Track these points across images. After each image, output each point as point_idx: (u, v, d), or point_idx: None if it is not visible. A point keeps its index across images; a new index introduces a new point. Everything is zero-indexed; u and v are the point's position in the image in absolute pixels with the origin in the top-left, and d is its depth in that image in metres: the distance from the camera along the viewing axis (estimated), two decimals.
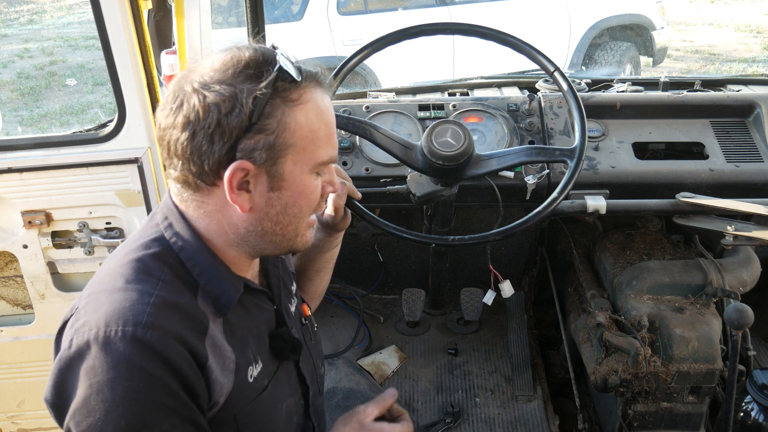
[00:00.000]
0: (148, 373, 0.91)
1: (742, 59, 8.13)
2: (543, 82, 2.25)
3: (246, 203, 0.99)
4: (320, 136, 1.01)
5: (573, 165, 1.47)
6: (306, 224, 1.09)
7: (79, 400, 0.91)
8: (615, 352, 1.76)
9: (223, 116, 0.93)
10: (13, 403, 2.22)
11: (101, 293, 0.97)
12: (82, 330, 0.94)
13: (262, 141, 0.95)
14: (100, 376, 0.90)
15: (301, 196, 1.03)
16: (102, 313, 0.94)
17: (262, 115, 0.94)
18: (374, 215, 1.50)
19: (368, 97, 2.16)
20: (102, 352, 0.91)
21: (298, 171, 1.01)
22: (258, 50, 0.98)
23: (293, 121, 0.97)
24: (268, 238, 1.05)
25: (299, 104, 0.98)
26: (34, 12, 11.75)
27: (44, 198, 1.90)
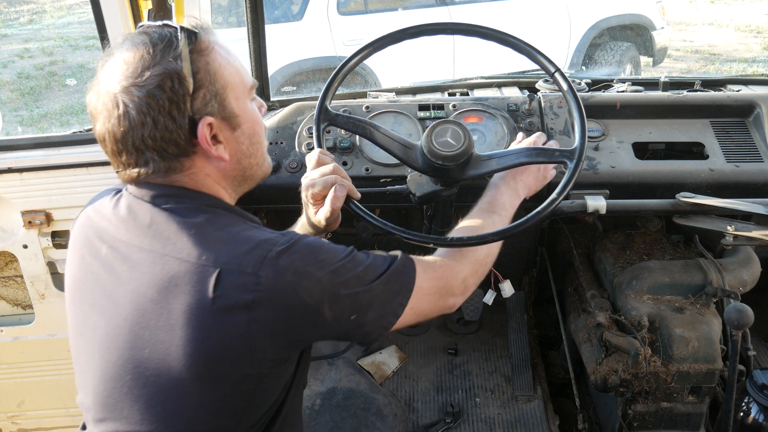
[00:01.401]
0: (323, 240, 1.12)
1: (742, 59, 8.13)
2: (543, 82, 2.25)
3: (224, 153, 1.11)
4: (238, 67, 1.13)
5: (573, 165, 1.46)
6: (265, 148, 1.23)
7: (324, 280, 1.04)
8: (615, 352, 1.76)
9: (170, 92, 1.03)
10: (13, 403, 2.22)
11: (230, 246, 1.03)
12: (258, 264, 1.00)
13: (207, 93, 1.06)
14: (310, 261, 1.04)
15: (254, 123, 1.16)
16: (255, 243, 1.03)
17: (194, 72, 1.05)
18: (374, 215, 1.50)
19: (368, 97, 2.16)
20: (290, 254, 1.03)
21: (241, 103, 1.13)
22: (149, 29, 1.08)
23: (215, 65, 1.08)
24: (248, 173, 1.19)
25: (210, 49, 1.09)
26: (34, 12, 11.75)
27: (44, 198, 1.90)
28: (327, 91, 1.59)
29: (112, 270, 1.10)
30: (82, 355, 1.16)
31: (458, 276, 1.27)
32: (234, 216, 1.13)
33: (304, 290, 1.02)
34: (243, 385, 1.06)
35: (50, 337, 2.10)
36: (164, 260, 1.05)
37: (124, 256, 1.09)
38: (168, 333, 1.03)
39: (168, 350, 1.03)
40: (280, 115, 2.04)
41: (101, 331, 1.11)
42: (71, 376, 2.14)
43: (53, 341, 2.11)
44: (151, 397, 1.06)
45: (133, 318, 1.06)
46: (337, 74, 1.61)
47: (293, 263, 1.03)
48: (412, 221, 2.31)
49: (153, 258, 1.06)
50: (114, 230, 1.12)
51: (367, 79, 5.55)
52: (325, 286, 1.05)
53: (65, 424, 2.26)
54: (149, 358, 1.05)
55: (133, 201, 1.12)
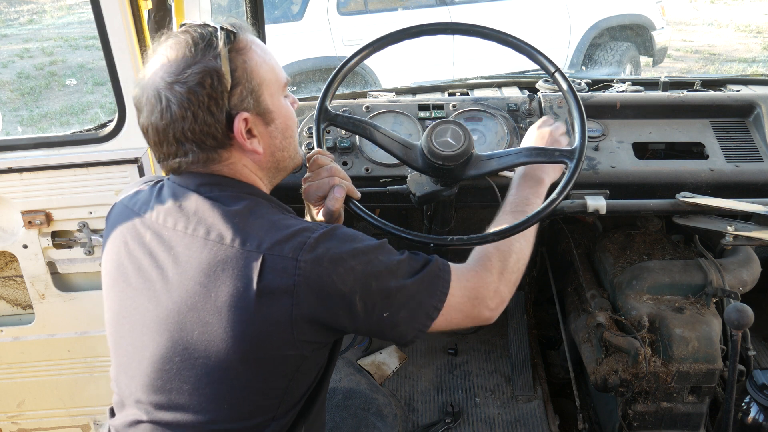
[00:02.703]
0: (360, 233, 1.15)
1: (742, 59, 8.13)
2: (543, 82, 2.25)
3: (259, 146, 1.17)
4: (273, 65, 1.19)
5: (573, 165, 1.47)
6: (297, 141, 1.29)
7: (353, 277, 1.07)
8: (615, 352, 1.76)
9: (210, 89, 1.08)
10: (13, 403, 2.22)
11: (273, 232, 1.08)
12: (297, 248, 1.05)
13: (244, 90, 1.12)
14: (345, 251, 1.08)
15: (287, 118, 1.22)
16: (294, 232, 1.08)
17: (232, 70, 1.10)
18: (374, 215, 1.50)
19: (368, 97, 2.16)
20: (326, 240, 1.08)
21: (276, 99, 1.19)
22: (192, 27, 1.14)
23: (252, 63, 1.14)
24: (281, 165, 1.24)
25: (248, 48, 1.14)
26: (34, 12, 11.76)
27: (44, 198, 1.90)
28: (327, 91, 1.59)
29: (157, 256, 1.15)
30: (126, 338, 1.19)
31: (490, 287, 1.25)
32: (271, 205, 1.18)
33: (339, 277, 1.06)
34: (285, 366, 1.10)
35: (50, 337, 2.10)
36: (210, 245, 1.09)
37: (169, 242, 1.14)
38: (215, 315, 1.07)
39: (216, 332, 1.07)
40: None
41: (151, 314, 1.14)
42: (71, 376, 2.15)
43: (53, 341, 2.11)
44: (199, 378, 1.10)
45: (182, 301, 1.10)
46: (337, 74, 1.61)
47: (330, 250, 1.07)
48: (412, 221, 2.31)
49: (200, 244, 1.10)
50: (157, 217, 1.17)
51: (367, 79, 5.55)
52: (358, 276, 1.08)
53: (65, 424, 2.26)
54: (198, 340, 1.09)
55: (177, 189, 1.17)
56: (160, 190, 1.21)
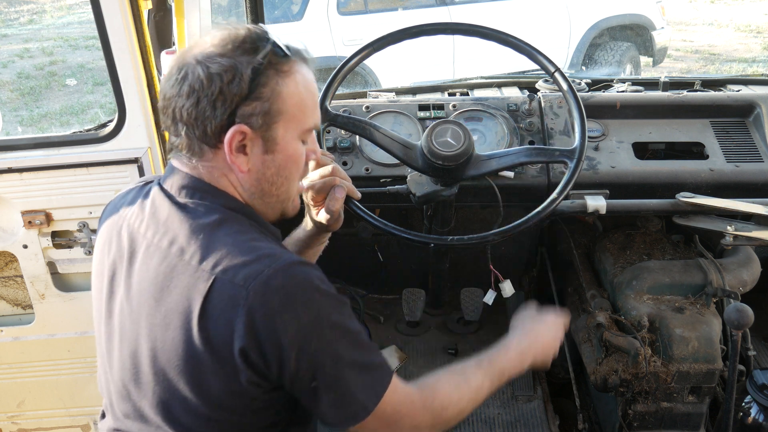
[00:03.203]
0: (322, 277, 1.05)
1: (742, 59, 8.13)
2: (543, 82, 2.25)
3: (244, 164, 1.10)
4: (308, 105, 1.13)
5: (573, 165, 1.47)
6: (295, 189, 1.21)
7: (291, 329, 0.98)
8: (615, 352, 1.76)
9: (225, 85, 1.04)
10: (13, 403, 2.22)
11: (231, 254, 1.02)
12: (249, 279, 0.99)
13: (259, 107, 1.06)
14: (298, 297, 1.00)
15: (291, 160, 1.14)
16: (252, 259, 1.01)
17: (259, 84, 1.06)
18: (374, 215, 1.50)
19: (368, 97, 2.16)
20: (287, 279, 1.00)
21: (289, 136, 1.12)
22: (251, 29, 1.09)
23: (285, 90, 1.08)
24: (266, 200, 1.16)
25: (290, 75, 1.09)
26: (34, 12, 11.75)
27: (44, 198, 1.90)
28: (327, 91, 1.59)
29: (129, 260, 1.14)
30: (103, 342, 1.21)
31: (414, 421, 1.14)
32: (249, 223, 1.12)
33: (282, 323, 0.98)
34: (234, 401, 1.04)
35: (50, 337, 2.10)
36: (169, 258, 1.06)
37: (139, 247, 1.13)
38: (163, 331, 1.05)
39: (163, 347, 1.05)
40: None
41: (118, 321, 1.15)
42: (71, 376, 2.15)
43: (53, 341, 2.11)
44: (154, 393, 1.08)
45: (138, 311, 1.09)
46: (337, 74, 1.62)
47: (284, 288, 0.99)
48: (412, 221, 2.31)
49: (160, 254, 1.08)
50: (135, 221, 1.16)
51: (367, 79, 5.55)
52: (301, 329, 1.00)
53: (65, 424, 2.26)
54: (148, 354, 1.07)
55: (157, 194, 1.15)
56: (147, 192, 1.18)
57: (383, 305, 2.55)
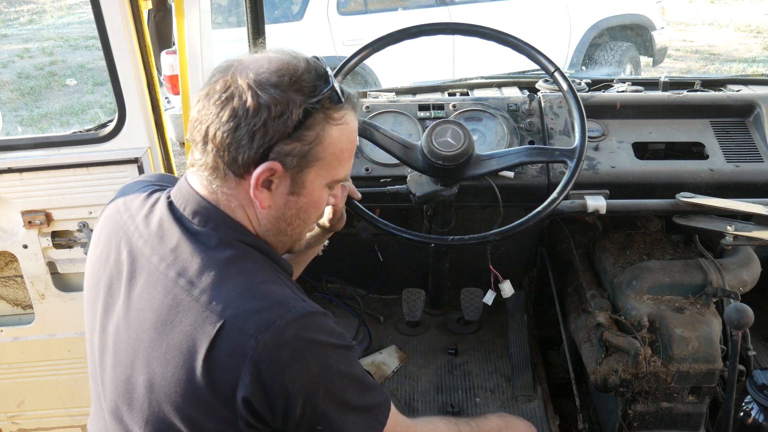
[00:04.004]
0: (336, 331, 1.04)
1: (742, 59, 8.14)
2: (543, 82, 2.25)
3: (266, 200, 1.06)
4: (345, 156, 1.10)
5: (573, 165, 1.47)
6: (307, 231, 1.19)
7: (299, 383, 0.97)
8: (615, 352, 1.76)
9: (271, 119, 0.99)
10: (13, 403, 2.22)
11: (242, 298, 0.99)
12: (261, 329, 0.96)
13: (298, 149, 1.02)
14: (310, 351, 0.99)
15: (313, 205, 1.11)
16: (266, 307, 0.98)
17: (304, 126, 1.01)
18: (374, 215, 1.50)
19: (368, 97, 2.16)
20: (300, 331, 0.98)
21: (318, 183, 1.09)
22: (311, 64, 1.06)
23: (329, 137, 1.04)
24: (280, 237, 1.13)
25: (339, 124, 1.05)
26: (34, 12, 11.76)
27: (44, 198, 1.90)
28: None
29: (129, 281, 1.09)
30: (96, 353, 1.17)
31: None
32: (263, 260, 1.09)
33: (291, 374, 0.97)
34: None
35: (50, 337, 2.10)
36: (176, 291, 1.02)
37: (140, 270, 1.08)
38: (163, 366, 1.01)
39: (161, 382, 1.01)
40: None
41: (112, 338, 1.11)
42: (71, 376, 2.15)
43: (53, 341, 2.11)
44: (144, 418, 1.05)
45: (137, 339, 1.05)
46: (336, 74, 1.62)
47: (295, 341, 0.98)
48: (412, 221, 2.31)
49: (166, 285, 1.03)
50: (138, 239, 1.10)
51: (367, 79, 5.55)
52: (311, 380, 0.99)
53: (65, 424, 2.26)
54: (143, 382, 1.04)
55: (165, 214, 1.09)
56: (153, 204, 1.13)
57: (383, 305, 2.55)
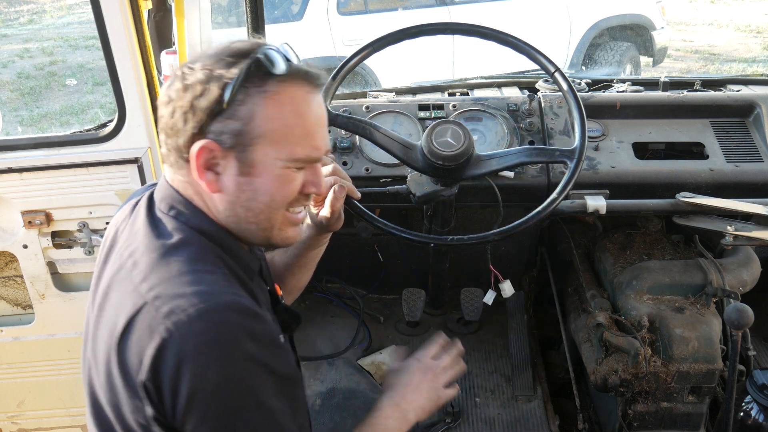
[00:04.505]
0: (256, 332, 0.94)
1: (742, 59, 8.13)
2: (543, 82, 2.25)
3: (213, 183, 1.02)
4: (295, 133, 1.02)
5: (573, 165, 1.47)
6: (283, 218, 1.09)
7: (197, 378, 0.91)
8: (615, 352, 1.76)
9: (195, 98, 0.98)
10: (13, 403, 2.22)
11: (171, 282, 0.96)
12: (175, 314, 0.92)
13: (230, 126, 0.99)
14: (215, 348, 0.91)
15: (273, 186, 1.04)
16: (189, 293, 0.94)
17: (235, 101, 0.98)
18: (374, 215, 1.50)
19: (368, 97, 2.16)
20: (211, 324, 0.91)
21: (270, 162, 1.02)
22: (253, 42, 1.02)
23: (263, 112, 0.99)
24: (243, 226, 1.07)
25: (272, 97, 0.99)
26: (34, 12, 11.75)
27: (44, 198, 1.90)
28: (327, 92, 1.59)
29: (103, 264, 1.13)
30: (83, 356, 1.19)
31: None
32: (211, 248, 1.04)
33: (187, 369, 0.90)
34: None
35: (50, 337, 2.10)
36: (122, 271, 1.03)
37: (113, 251, 1.11)
38: (96, 344, 1.03)
39: (95, 363, 1.03)
40: None
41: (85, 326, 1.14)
42: (71, 376, 2.15)
43: (53, 341, 2.11)
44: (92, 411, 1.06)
45: (90, 317, 1.09)
46: (336, 74, 1.62)
47: (203, 334, 0.91)
48: (412, 221, 2.31)
49: (119, 263, 1.05)
50: (122, 224, 1.14)
51: (367, 79, 5.55)
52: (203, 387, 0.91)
53: (65, 424, 2.26)
54: (87, 363, 1.06)
55: (142, 204, 1.11)
56: (142, 198, 1.15)
57: (383, 305, 2.55)
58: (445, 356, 1.37)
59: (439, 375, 1.33)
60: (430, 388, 1.30)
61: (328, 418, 2.03)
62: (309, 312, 2.44)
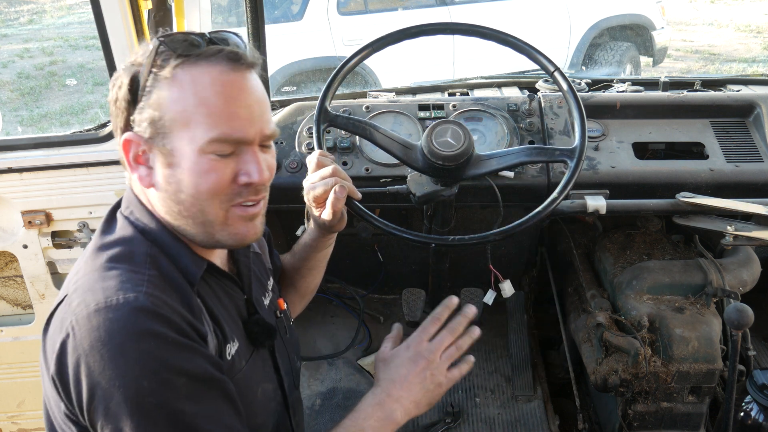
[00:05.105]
0: (155, 332, 0.90)
1: (742, 59, 8.13)
2: (543, 82, 2.25)
3: (145, 178, 1.02)
4: (201, 112, 0.97)
5: (573, 165, 1.47)
6: (225, 213, 1.03)
7: (95, 374, 0.89)
8: (615, 352, 1.76)
9: (116, 91, 1.01)
10: (13, 403, 2.22)
11: (90, 276, 0.97)
12: (80, 307, 0.93)
13: (145, 114, 0.98)
14: (109, 345, 0.89)
15: (196, 176, 0.99)
16: (98, 289, 0.94)
17: (146, 89, 0.98)
18: (374, 215, 1.50)
19: (368, 97, 2.16)
20: (107, 322, 0.90)
21: (189, 149, 0.98)
22: (170, 34, 1.02)
23: (168, 96, 0.97)
24: (180, 221, 1.04)
25: (171, 80, 0.97)
26: (34, 12, 11.75)
27: (44, 198, 1.90)
28: (327, 92, 1.59)
29: None
30: None
31: None
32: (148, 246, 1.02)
33: (85, 366, 0.89)
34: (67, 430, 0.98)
35: None
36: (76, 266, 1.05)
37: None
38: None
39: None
40: (281, 115, 2.04)
41: None
42: None
43: None
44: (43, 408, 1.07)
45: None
46: (336, 74, 1.61)
47: (98, 329, 0.89)
48: (412, 221, 2.31)
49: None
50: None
51: (367, 79, 5.55)
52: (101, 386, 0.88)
53: None
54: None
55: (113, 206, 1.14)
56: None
57: (383, 305, 2.55)
58: (445, 333, 1.20)
59: (435, 361, 1.17)
60: (423, 378, 1.15)
61: (328, 418, 2.03)
62: (309, 312, 2.44)
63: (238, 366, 1.10)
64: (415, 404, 1.15)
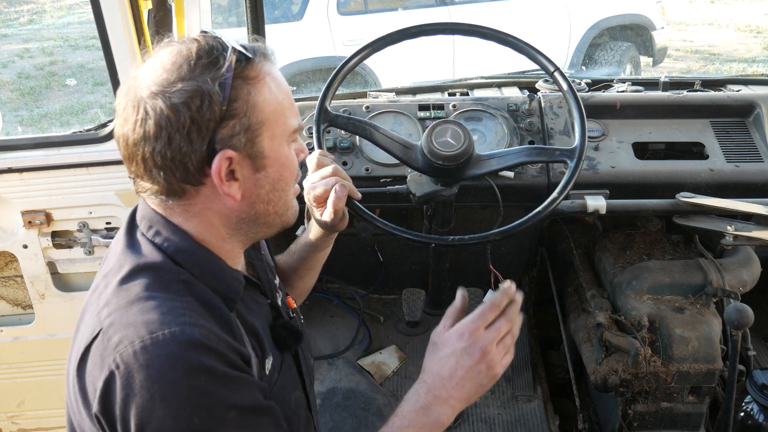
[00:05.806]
0: (205, 368, 0.88)
1: (742, 59, 8.13)
2: (543, 82, 2.25)
3: (237, 192, 0.99)
4: (285, 107, 1.02)
5: (573, 165, 1.47)
6: (293, 196, 1.10)
7: (145, 413, 0.87)
8: (615, 352, 1.76)
9: (195, 112, 0.92)
10: (13, 403, 2.22)
11: (125, 310, 0.93)
12: (123, 344, 0.89)
13: (238, 125, 0.95)
14: (159, 383, 0.87)
15: (284, 168, 1.04)
16: (139, 323, 0.90)
17: (230, 100, 0.94)
18: (374, 215, 1.50)
19: (368, 97, 2.16)
20: (156, 359, 0.87)
21: (276, 145, 1.01)
22: (201, 40, 0.97)
23: (260, 98, 0.98)
24: (261, 221, 1.06)
25: (259, 80, 0.98)
26: (34, 12, 11.75)
27: (44, 198, 1.90)
28: (327, 92, 1.59)
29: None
30: None
31: None
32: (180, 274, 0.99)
33: (135, 405, 0.87)
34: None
35: (50, 337, 2.10)
36: (96, 292, 1.00)
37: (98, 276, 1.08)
38: (66, 374, 1.00)
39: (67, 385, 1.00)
40: None
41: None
42: None
43: (53, 341, 2.11)
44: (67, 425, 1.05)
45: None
46: (336, 74, 1.61)
47: (148, 368, 0.87)
48: (412, 221, 2.31)
49: (95, 285, 1.03)
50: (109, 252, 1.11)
51: (367, 79, 5.55)
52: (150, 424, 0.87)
53: (65, 424, 2.26)
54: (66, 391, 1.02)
55: (123, 224, 1.07)
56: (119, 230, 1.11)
57: (383, 305, 2.55)
58: (503, 321, 1.10)
59: (492, 352, 1.07)
60: (477, 373, 1.06)
61: (328, 418, 2.03)
62: (309, 312, 2.44)
63: (274, 379, 1.09)
64: (465, 401, 1.08)
